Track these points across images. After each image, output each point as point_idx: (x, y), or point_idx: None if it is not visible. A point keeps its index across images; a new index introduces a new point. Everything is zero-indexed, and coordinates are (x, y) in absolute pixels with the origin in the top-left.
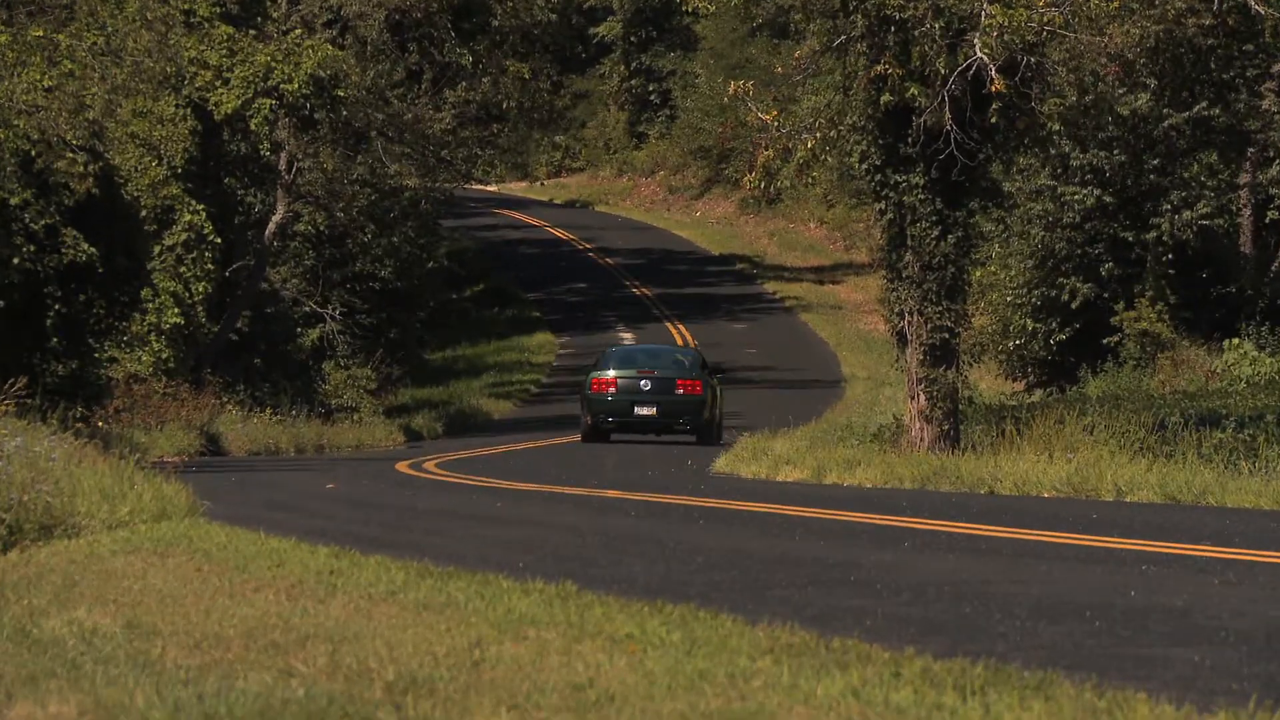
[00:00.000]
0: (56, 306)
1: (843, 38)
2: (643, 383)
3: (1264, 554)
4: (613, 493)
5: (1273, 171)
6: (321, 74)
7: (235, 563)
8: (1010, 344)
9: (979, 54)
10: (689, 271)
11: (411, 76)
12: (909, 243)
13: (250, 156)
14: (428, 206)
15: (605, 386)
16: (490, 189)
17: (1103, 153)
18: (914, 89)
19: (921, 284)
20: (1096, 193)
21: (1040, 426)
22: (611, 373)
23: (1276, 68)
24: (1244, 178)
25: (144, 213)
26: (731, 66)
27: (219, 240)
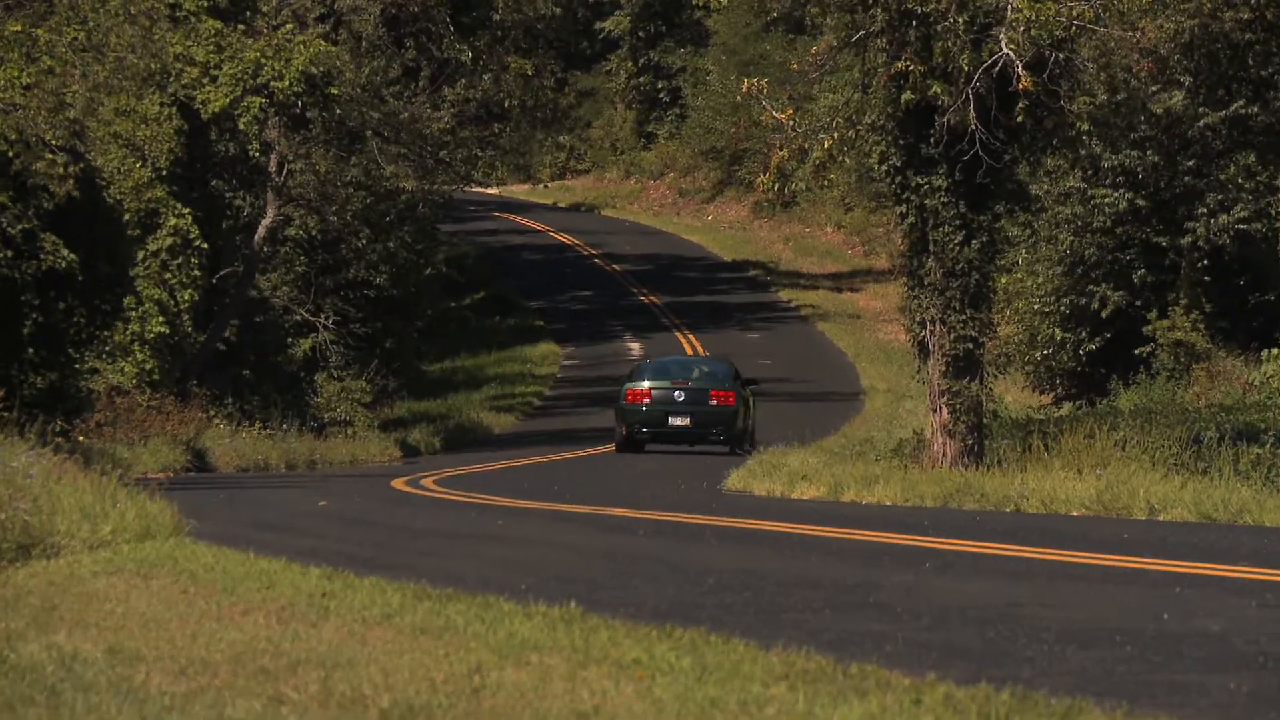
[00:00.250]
0: (35, 315)
1: (861, 33)
2: (676, 394)
3: None
4: (620, 511)
5: None
6: (314, 71)
7: (223, 584)
8: (1037, 354)
9: (1005, 50)
10: (700, 278)
11: (408, 73)
12: (931, 248)
13: (239, 157)
14: (425, 210)
15: (640, 397)
16: (491, 192)
17: (1135, 153)
18: (936, 87)
19: (944, 291)
20: (1128, 196)
21: (1069, 441)
22: (646, 384)
23: None
24: None
25: (127, 217)
26: (745, 63)
27: (206, 245)
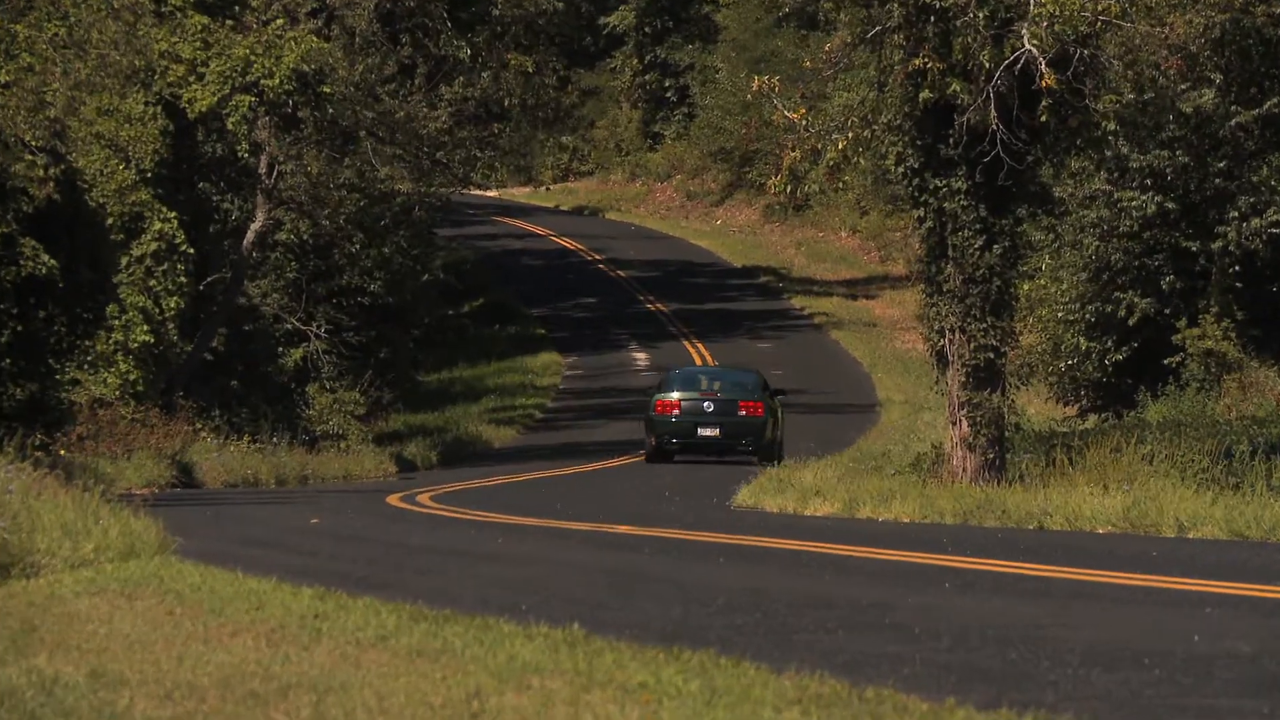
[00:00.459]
0: (13, 324)
1: (878, 28)
2: (706, 404)
3: None
4: (624, 528)
5: None
6: (305, 68)
7: (210, 605)
8: (1061, 365)
9: (1027, 46)
10: (708, 285)
11: (404, 71)
12: (950, 253)
13: (227, 159)
14: (422, 214)
15: (669, 408)
16: (490, 194)
17: (1163, 154)
18: (956, 84)
19: (964, 299)
20: (1156, 198)
21: (1094, 455)
22: (675, 395)
23: None
24: None
25: (110, 220)
26: (755, 60)
27: (192, 251)
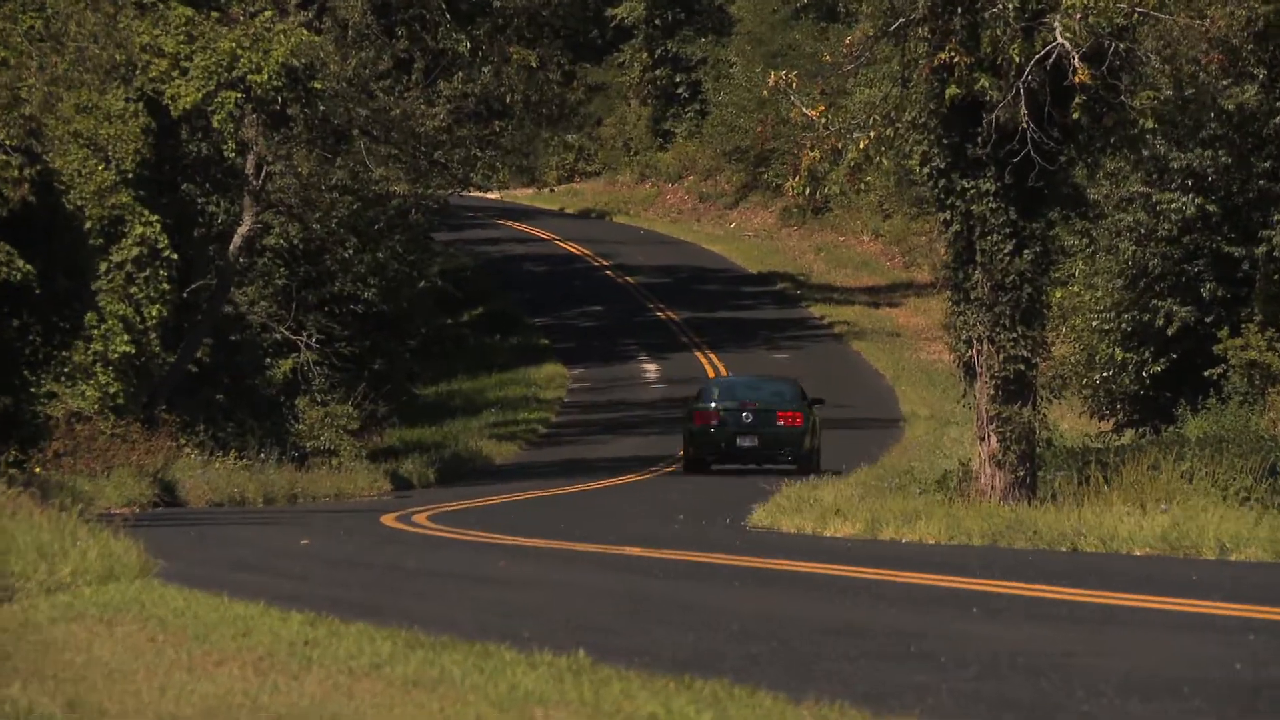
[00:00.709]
0: None
1: (901, 20)
2: (744, 414)
3: None
4: (634, 549)
5: None
6: (295, 63)
7: (194, 631)
8: (1096, 377)
9: (1060, 39)
10: (722, 292)
11: (400, 66)
12: (978, 259)
13: (212, 159)
14: (418, 217)
15: (707, 419)
16: (491, 196)
17: (1205, 153)
18: (984, 80)
19: (993, 307)
20: (1197, 200)
21: (1131, 473)
22: (713, 405)
23: None
24: None
25: (89, 224)
26: (772, 54)
27: (176, 256)
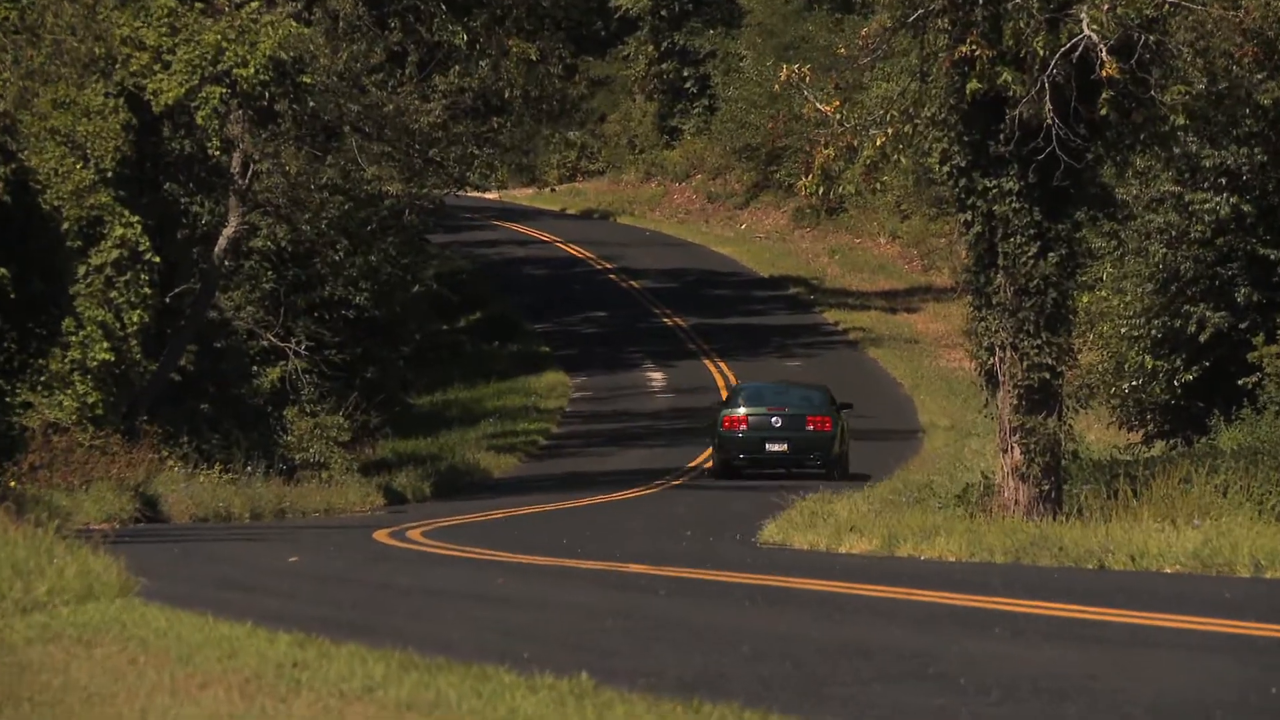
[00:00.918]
0: None
1: (920, 11)
2: (773, 419)
3: None
4: (638, 567)
5: None
6: (283, 56)
7: (177, 653)
8: (1124, 385)
9: (1086, 31)
10: (732, 297)
11: (393, 59)
12: (1000, 262)
13: (196, 157)
14: (413, 218)
15: (736, 424)
16: (489, 196)
17: (1239, 151)
18: (1007, 74)
19: (1016, 312)
20: (1231, 200)
21: (1161, 487)
22: (742, 410)
23: None
24: None
25: (66, 225)
26: (784, 46)
27: (158, 259)
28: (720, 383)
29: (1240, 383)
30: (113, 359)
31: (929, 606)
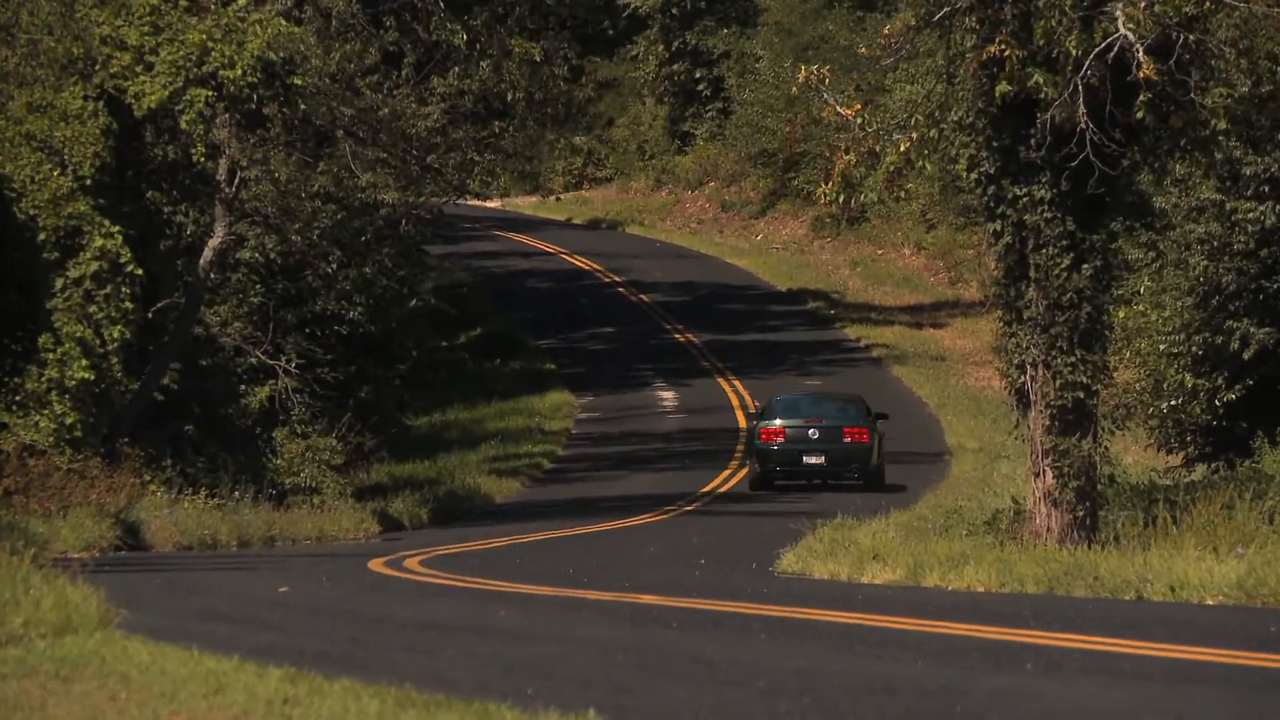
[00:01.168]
0: None
1: (946, 9)
2: (810, 431)
3: None
4: (649, 597)
5: None
6: (272, 57)
7: (161, 689)
8: (1163, 405)
9: (1122, 30)
10: (747, 311)
11: (389, 60)
12: (1032, 274)
13: (180, 163)
14: (410, 228)
15: (773, 436)
16: (491, 205)
17: None
18: (1038, 76)
19: (1048, 328)
20: (1276, 209)
21: (1203, 513)
22: (778, 422)
23: None
24: None
25: (43, 236)
26: (802, 46)
27: (140, 272)
28: (735, 402)
29: None
30: (92, 377)
31: (957, 640)
